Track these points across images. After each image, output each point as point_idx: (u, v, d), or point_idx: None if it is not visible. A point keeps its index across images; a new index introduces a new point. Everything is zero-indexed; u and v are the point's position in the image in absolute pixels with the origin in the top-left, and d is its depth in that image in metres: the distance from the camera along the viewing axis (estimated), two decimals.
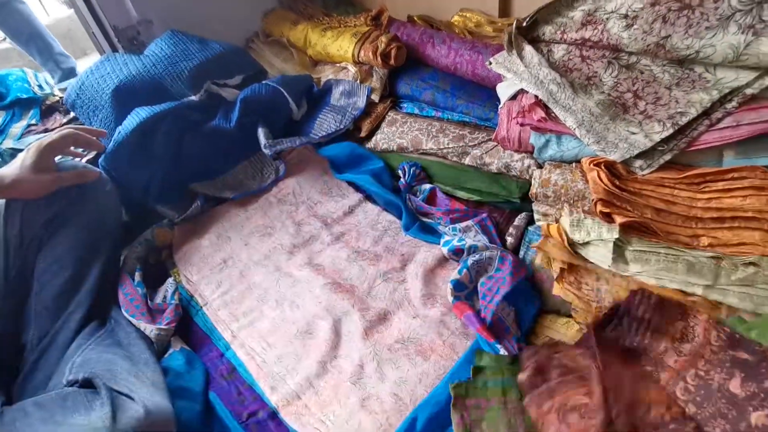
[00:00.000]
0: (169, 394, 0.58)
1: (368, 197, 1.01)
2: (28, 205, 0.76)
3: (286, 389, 0.68)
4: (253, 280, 0.86)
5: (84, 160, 1.02)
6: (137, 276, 0.84)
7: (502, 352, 0.68)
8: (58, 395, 0.49)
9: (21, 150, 0.90)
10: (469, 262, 0.77)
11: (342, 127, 1.04)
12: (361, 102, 1.06)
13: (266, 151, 1.01)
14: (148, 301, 0.80)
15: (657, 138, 0.64)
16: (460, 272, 0.77)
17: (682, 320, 0.60)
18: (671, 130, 0.64)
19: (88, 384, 0.53)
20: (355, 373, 0.69)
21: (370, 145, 1.04)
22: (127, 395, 0.51)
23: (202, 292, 0.85)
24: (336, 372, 0.69)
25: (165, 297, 0.81)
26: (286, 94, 1.08)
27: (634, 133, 0.67)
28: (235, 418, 0.64)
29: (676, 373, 0.58)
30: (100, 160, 0.93)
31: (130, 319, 0.74)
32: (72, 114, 1.16)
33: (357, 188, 1.02)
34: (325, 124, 1.06)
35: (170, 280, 0.85)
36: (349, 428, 0.63)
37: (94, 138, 0.80)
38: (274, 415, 0.65)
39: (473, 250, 0.80)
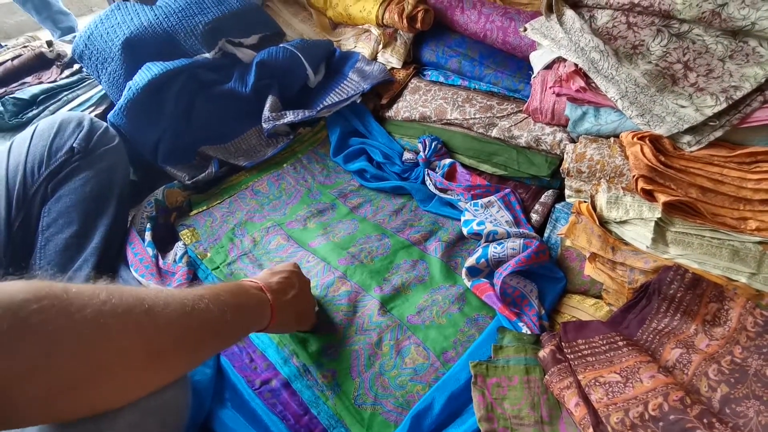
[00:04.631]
0: None
1: (379, 165, 0.98)
2: (30, 155, 0.73)
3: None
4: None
5: (92, 114, 0.97)
6: (147, 235, 0.80)
7: (524, 330, 0.66)
8: None
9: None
10: (489, 253, 0.73)
11: (340, 100, 1.00)
12: (367, 85, 1.00)
13: (265, 126, 0.96)
14: (158, 262, 0.77)
15: (709, 112, 0.60)
16: (478, 261, 0.73)
17: (717, 302, 0.57)
18: (725, 105, 0.59)
19: None
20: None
21: (390, 113, 1.00)
22: None
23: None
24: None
25: (175, 259, 0.78)
26: (303, 59, 1.03)
27: (683, 107, 0.62)
28: (248, 384, 0.62)
29: (710, 357, 0.55)
30: (108, 115, 0.89)
31: (139, 278, 0.71)
32: (73, 68, 1.11)
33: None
34: (328, 98, 1.01)
35: (179, 243, 0.82)
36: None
37: None
38: (287, 384, 0.62)
39: (492, 236, 0.75)
